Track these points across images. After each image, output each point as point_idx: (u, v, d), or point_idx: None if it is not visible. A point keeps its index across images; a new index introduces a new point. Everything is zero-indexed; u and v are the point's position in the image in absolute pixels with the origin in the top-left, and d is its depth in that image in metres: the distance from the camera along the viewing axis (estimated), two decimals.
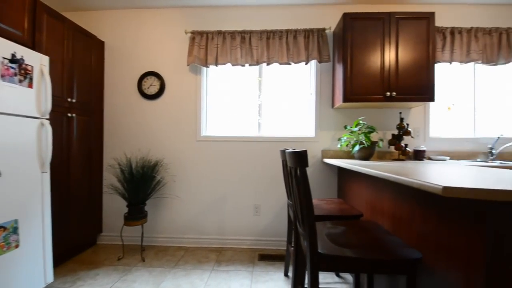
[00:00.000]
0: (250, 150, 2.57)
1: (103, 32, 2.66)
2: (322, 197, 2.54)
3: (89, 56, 2.43)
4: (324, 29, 2.41)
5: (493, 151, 2.37)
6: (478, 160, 2.42)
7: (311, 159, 2.54)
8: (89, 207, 2.42)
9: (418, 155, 2.30)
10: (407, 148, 2.31)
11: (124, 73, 2.65)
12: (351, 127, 2.21)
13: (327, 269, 1.06)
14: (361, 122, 2.14)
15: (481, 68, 2.55)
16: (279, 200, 2.56)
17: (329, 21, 2.53)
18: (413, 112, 2.51)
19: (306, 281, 1.37)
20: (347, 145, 2.24)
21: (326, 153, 2.51)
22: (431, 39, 2.12)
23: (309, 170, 2.53)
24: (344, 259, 1.02)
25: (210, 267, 2.15)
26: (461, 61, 2.38)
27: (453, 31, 2.37)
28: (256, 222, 2.57)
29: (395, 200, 1.41)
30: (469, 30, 2.37)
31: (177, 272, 2.06)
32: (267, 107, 2.63)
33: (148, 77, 2.62)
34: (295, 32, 2.41)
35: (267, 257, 2.34)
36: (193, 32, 2.48)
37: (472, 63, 2.45)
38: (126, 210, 2.62)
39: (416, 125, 2.50)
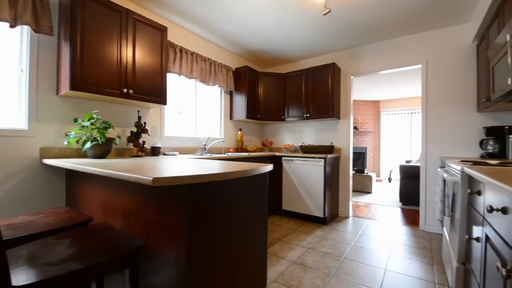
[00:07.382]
0: None
1: None
2: (43, 209, 1.95)
3: None
4: None
5: (206, 147, 3.27)
6: (197, 154, 3.20)
7: (22, 161, 1.84)
8: None
9: (155, 151, 2.56)
10: (145, 145, 2.47)
11: None
12: (82, 121, 1.91)
13: None
14: (94, 116, 1.92)
15: (200, 85, 3.41)
16: None
17: None
18: (151, 112, 2.73)
19: None
20: (77, 142, 1.91)
21: (48, 152, 1.95)
22: (164, 50, 2.44)
23: (19, 176, 1.82)
24: (53, 281, 0.83)
25: None
26: (187, 76, 3.00)
27: (182, 49, 2.91)
28: None
29: (126, 197, 1.42)
30: (192, 53, 3.06)
31: None
32: None
33: None
34: None
35: None
36: None
37: (194, 80, 3.20)
38: None
39: (153, 124, 2.76)
